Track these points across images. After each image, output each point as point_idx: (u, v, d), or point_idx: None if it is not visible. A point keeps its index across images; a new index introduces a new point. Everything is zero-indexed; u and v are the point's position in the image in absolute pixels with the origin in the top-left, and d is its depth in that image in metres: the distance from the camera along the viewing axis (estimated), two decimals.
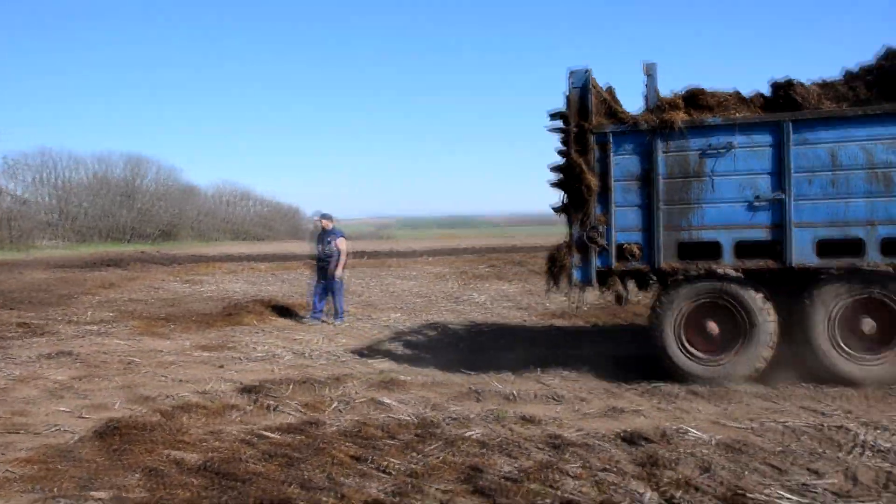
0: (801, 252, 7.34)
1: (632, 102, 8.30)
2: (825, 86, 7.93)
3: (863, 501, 4.67)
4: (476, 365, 9.12)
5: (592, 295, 15.63)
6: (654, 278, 8.17)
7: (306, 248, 14.90)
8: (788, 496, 4.76)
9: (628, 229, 7.86)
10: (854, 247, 7.26)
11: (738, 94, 8.06)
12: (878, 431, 5.98)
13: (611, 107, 8.03)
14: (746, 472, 5.18)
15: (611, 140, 7.82)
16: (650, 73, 7.98)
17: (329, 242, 13.57)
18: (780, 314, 7.52)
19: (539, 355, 9.42)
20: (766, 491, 4.83)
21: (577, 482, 5.08)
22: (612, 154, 7.81)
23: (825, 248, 7.35)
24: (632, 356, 9.13)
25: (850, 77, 8.03)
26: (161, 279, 24.26)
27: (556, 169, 8.28)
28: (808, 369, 7.43)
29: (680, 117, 7.60)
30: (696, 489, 4.89)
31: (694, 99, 7.91)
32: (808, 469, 5.23)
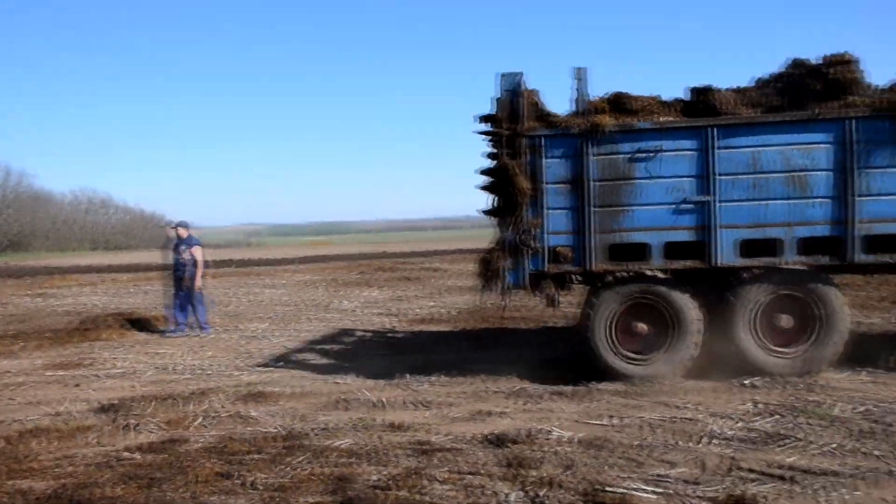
0: (726, 252, 7.67)
1: (558, 106, 8.33)
2: (740, 92, 8.27)
3: (709, 486, 4.95)
4: (345, 373, 9.08)
5: (462, 299, 15.96)
6: (580, 279, 8.32)
7: (161, 257, 14.34)
8: (644, 487, 4.99)
9: (560, 232, 7.92)
10: (773, 247, 7.67)
11: (659, 98, 8.35)
12: (724, 420, 6.39)
13: (541, 110, 8.06)
14: (606, 467, 5.39)
15: (542, 143, 7.85)
16: (580, 77, 7.99)
17: (184, 251, 13.13)
18: (706, 312, 7.80)
19: (408, 361, 9.48)
20: (625, 484, 5.04)
21: (444, 487, 5.14)
22: (543, 157, 7.85)
23: (747, 248, 7.71)
24: (499, 359, 9.33)
25: (761, 84, 8.44)
26: (10, 294, 22.78)
27: (485, 172, 8.28)
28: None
29: (610, 121, 7.74)
30: (560, 486, 5.04)
31: (618, 103, 8.09)
32: (662, 460, 5.50)
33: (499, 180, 8.00)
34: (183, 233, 13.31)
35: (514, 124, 7.83)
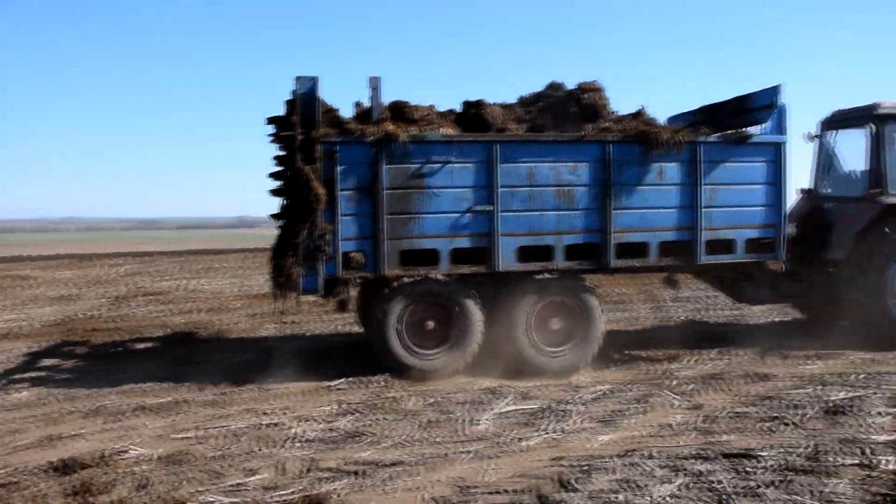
0: (506, 258, 8.23)
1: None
2: (506, 108, 9.00)
3: (287, 490, 5.06)
4: None
5: (51, 310, 14.48)
6: (358, 283, 8.49)
7: None
8: (222, 498, 4.94)
9: (354, 238, 7.95)
10: (546, 253, 8.33)
11: (435, 108, 8.71)
12: (308, 423, 6.59)
13: (336, 117, 8.01)
14: (185, 482, 5.23)
15: (337, 150, 7.81)
16: (375, 86, 8.08)
17: None
18: (487, 313, 8.27)
19: None
20: (202, 497, 4.95)
21: None
22: (338, 164, 7.81)
23: (525, 254, 8.29)
24: (82, 375, 8.62)
25: (524, 102, 9.25)
26: None
27: (276, 176, 8.07)
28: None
29: (404, 132, 7.91)
30: None
31: (399, 112, 8.35)
32: (243, 468, 5.49)
33: (293, 185, 7.81)
34: None
35: (310, 129, 7.73)
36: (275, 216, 8.29)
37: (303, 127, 7.73)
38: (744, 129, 8.89)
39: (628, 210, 8.51)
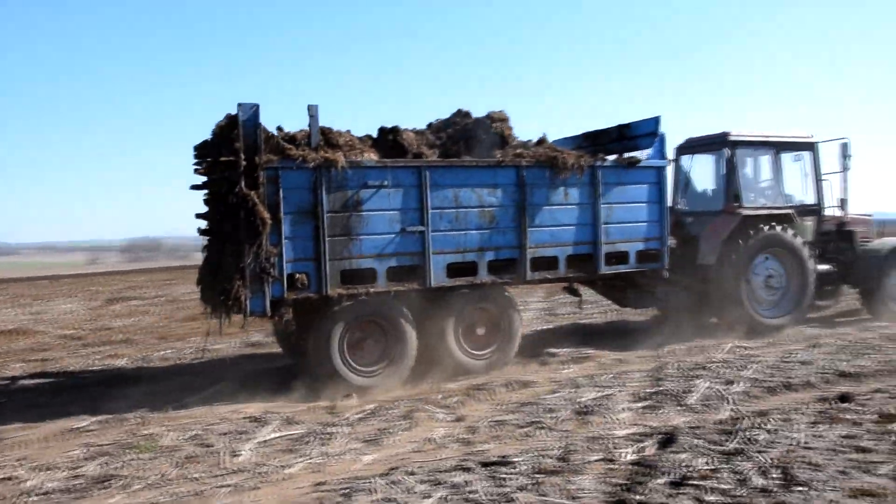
0: (437, 275, 8.79)
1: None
2: (419, 134, 9.58)
3: None
4: None
5: None
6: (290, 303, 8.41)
7: None
8: None
9: (298, 259, 8.13)
10: (472, 268, 9.02)
11: (352, 134, 8.98)
12: (49, 472, 5.91)
13: (278, 143, 8.09)
14: None
15: (280, 175, 7.96)
16: (313, 114, 8.25)
17: None
18: (422, 325, 8.83)
19: None
20: None
21: None
22: (281, 189, 7.96)
23: (453, 270, 8.90)
24: None
25: (435, 129, 9.90)
26: None
27: (215, 199, 8.13)
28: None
29: (342, 158, 8.17)
30: None
31: (325, 137, 8.49)
32: None
33: (235, 210, 7.79)
34: None
35: (253, 155, 7.77)
36: (217, 240, 8.33)
37: (247, 153, 7.78)
38: (632, 154, 9.97)
39: (540, 228, 9.36)
